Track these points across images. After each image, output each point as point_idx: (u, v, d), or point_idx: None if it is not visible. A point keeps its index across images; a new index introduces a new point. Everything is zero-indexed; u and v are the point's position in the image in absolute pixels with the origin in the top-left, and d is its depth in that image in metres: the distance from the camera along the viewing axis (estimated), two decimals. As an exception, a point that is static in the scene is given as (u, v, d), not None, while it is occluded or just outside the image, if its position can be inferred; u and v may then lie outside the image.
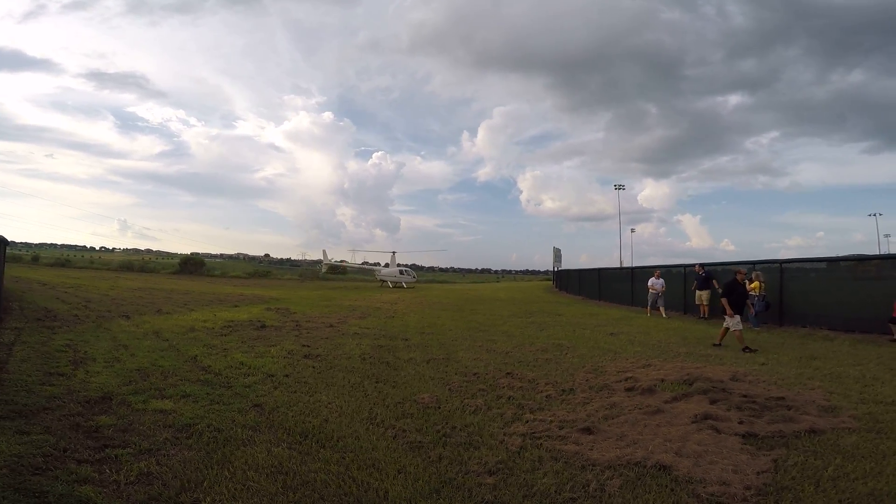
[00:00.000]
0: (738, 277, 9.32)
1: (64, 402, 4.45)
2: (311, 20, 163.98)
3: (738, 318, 8.84)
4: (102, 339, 8.12)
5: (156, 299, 16.89)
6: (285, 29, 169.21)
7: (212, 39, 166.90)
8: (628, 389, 5.70)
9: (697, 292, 14.60)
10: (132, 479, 2.99)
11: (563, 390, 5.70)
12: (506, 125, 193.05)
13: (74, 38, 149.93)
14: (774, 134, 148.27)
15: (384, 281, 52.03)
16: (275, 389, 5.39)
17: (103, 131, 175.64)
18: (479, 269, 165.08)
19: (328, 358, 7.34)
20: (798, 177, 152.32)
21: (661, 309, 15.43)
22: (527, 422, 4.50)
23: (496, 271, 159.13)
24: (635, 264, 39.44)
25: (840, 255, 12.63)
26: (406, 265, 52.73)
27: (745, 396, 5.32)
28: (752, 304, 11.95)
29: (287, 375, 6.06)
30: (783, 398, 5.25)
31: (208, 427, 4.03)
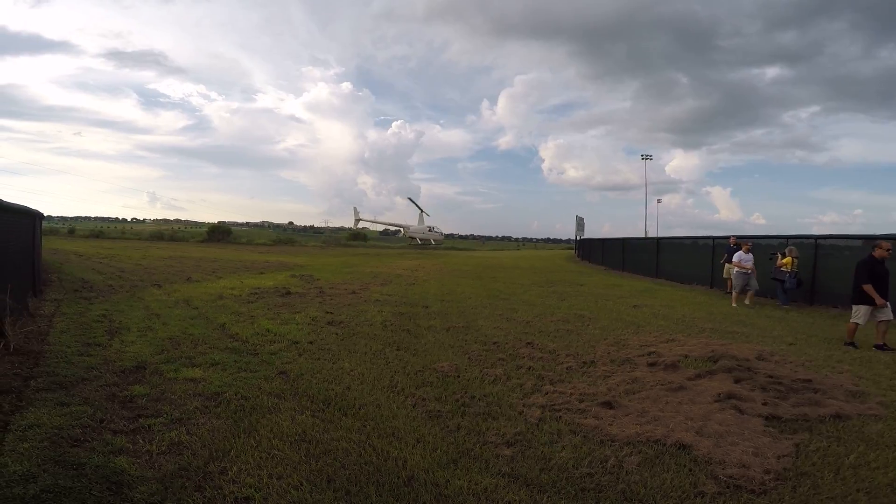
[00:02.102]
0: (879, 253, 7.08)
1: (101, 373, 4.64)
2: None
3: (888, 306, 6.92)
4: (136, 308, 8.45)
5: (185, 267, 17.41)
6: (300, 0, 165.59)
7: (226, 14, 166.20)
8: (651, 364, 5.63)
9: (726, 266, 14.07)
10: (163, 449, 3.12)
11: (584, 362, 5.68)
12: (527, 93, 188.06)
13: (89, 19, 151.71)
14: (815, 108, 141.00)
15: (413, 238, 53.52)
16: (299, 356, 5.54)
17: (127, 108, 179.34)
18: (500, 236, 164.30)
19: (350, 325, 7.49)
20: (838, 152, 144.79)
21: (750, 294, 11.87)
22: (546, 393, 4.52)
23: (516, 239, 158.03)
24: (661, 234, 38.54)
25: (879, 233, 11.69)
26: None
27: (770, 377, 5.19)
28: (784, 281, 11.48)
29: (311, 342, 6.22)
30: (810, 381, 5.09)
31: (236, 395, 4.17)
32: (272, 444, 3.25)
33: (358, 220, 62.11)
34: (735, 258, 12.02)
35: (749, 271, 11.75)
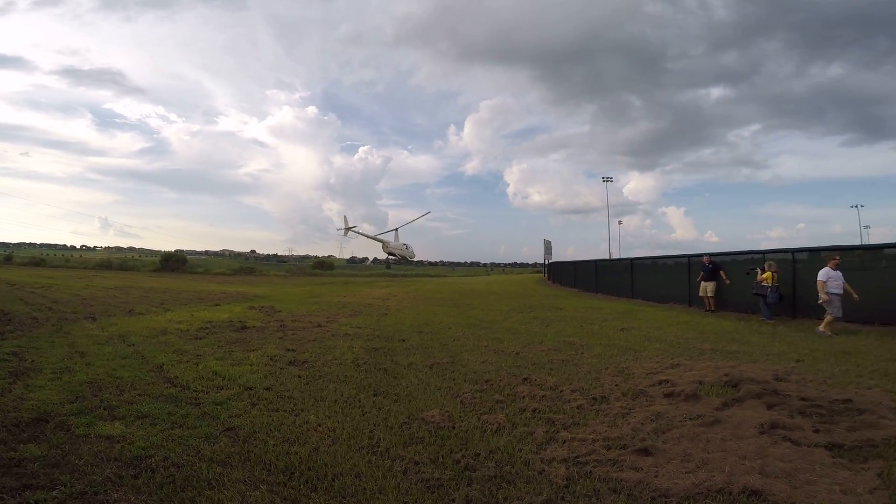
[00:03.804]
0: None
1: (-17, 429, 3.53)
2: (291, 14, 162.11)
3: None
4: (58, 345, 7.12)
5: (130, 298, 15.77)
6: (266, 23, 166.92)
7: (190, 35, 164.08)
8: (668, 395, 4.93)
9: (702, 284, 14.18)
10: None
11: (594, 398, 4.89)
12: (492, 118, 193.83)
13: (45, 35, 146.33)
14: (756, 126, 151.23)
15: (392, 254, 59.59)
16: (252, 407, 4.48)
17: (81, 129, 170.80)
18: (468, 262, 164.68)
19: (316, 364, 6.43)
20: (779, 169, 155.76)
21: (828, 319, 9.31)
22: (564, 442, 3.69)
23: (485, 264, 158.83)
24: (622, 255, 39.16)
25: (824, 245, 12.22)
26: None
27: (804, 399, 4.67)
28: (766, 295, 11.47)
29: (268, 388, 5.15)
30: (850, 400, 4.59)
31: (164, 461, 3.16)
32: (206, 546, 2.26)
33: (348, 230, 62.05)
34: (822, 275, 9.49)
35: (835, 295, 9.34)
